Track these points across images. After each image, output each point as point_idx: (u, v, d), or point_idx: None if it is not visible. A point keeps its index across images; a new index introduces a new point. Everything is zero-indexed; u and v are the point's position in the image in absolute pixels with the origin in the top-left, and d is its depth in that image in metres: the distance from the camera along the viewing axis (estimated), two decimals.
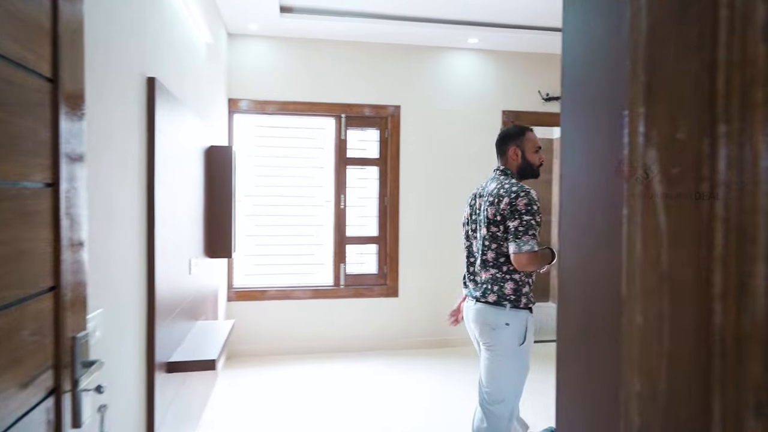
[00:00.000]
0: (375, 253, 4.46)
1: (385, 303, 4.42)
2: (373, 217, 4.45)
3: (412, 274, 4.46)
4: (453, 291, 4.54)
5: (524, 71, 4.61)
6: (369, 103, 4.33)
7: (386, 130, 4.40)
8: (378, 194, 4.43)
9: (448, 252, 4.52)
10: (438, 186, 4.49)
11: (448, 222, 4.51)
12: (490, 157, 4.64)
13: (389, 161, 4.39)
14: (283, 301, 4.25)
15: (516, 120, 4.59)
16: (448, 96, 4.49)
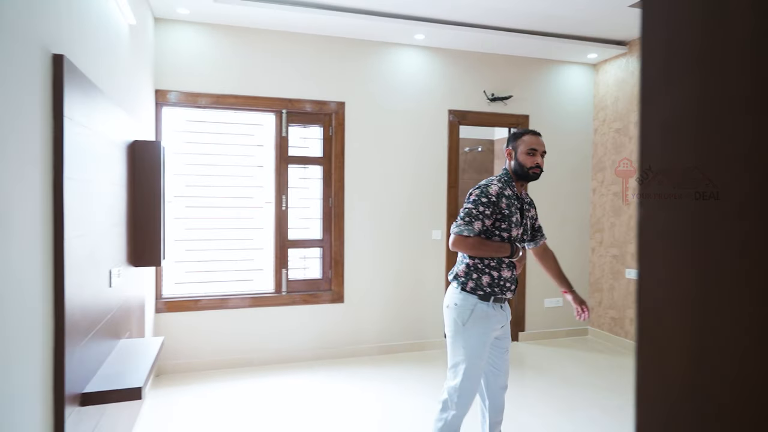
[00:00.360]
0: (319, 257, 4.23)
1: (331, 309, 4.20)
2: (317, 219, 4.22)
3: (359, 279, 4.27)
4: (401, 294, 4.41)
5: (470, 71, 4.56)
6: (312, 98, 4.10)
7: (330, 128, 4.19)
8: (322, 195, 4.20)
9: (395, 254, 4.37)
10: (385, 186, 4.33)
11: (395, 223, 4.36)
12: (437, 155, 4.58)
13: (334, 160, 4.18)
14: (218, 310, 3.92)
15: (462, 120, 4.53)
16: (395, 93, 4.34)
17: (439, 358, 4.25)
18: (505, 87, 4.66)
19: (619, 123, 4.67)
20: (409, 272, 4.42)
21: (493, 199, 2.14)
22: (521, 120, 4.72)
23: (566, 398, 3.44)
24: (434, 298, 4.51)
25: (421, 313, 4.47)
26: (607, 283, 4.81)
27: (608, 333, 4.80)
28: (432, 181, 4.47)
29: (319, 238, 4.21)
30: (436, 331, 4.52)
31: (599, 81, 4.91)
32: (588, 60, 4.84)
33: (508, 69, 4.68)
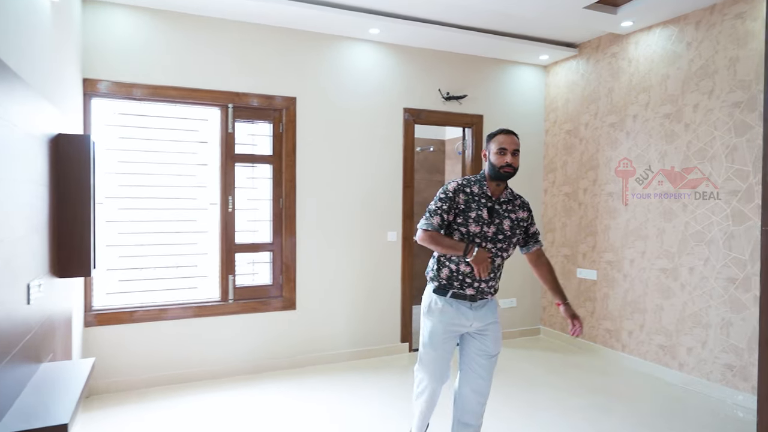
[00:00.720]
0: (269, 261, 3.97)
1: (282, 317, 3.96)
2: (267, 222, 3.97)
3: (312, 284, 4.05)
4: (356, 299, 4.24)
5: (426, 69, 4.46)
6: (260, 92, 3.84)
7: (280, 124, 3.95)
8: (272, 195, 3.95)
9: (350, 257, 4.19)
10: (339, 186, 4.14)
11: (349, 225, 4.18)
12: (392, 155, 4.44)
13: (284, 158, 3.94)
14: (157, 322, 3.58)
15: (417, 118, 4.42)
16: (349, 90, 4.16)
17: (395, 364, 4.11)
18: (460, 86, 4.60)
19: (569, 124, 4.72)
20: (364, 276, 4.25)
21: (450, 194, 2.24)
22: (476, 120, 4.68)
23: (529, 400, 3.40)
24: (390, 302, 4.36)
25: (378, 318, 4.31)
26: None
27: (559, 332, 4.85)
28: (387, 181, 4.33)
29: (269, 242, 3.95)
30: (393, 336, 4.38)
31: (550, 82, 4.96)
32: (540, 61, 4.87)
33: (463, 68, 4.62)
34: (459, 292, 2.23)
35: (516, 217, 2.31)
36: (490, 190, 2.27)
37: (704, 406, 3.34)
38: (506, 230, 2.27)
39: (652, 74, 3.92)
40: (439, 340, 2.26)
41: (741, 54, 3.33)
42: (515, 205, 2.33)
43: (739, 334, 3.33)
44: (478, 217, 2.21)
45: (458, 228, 2.23)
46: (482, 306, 2.28)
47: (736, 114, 3.35)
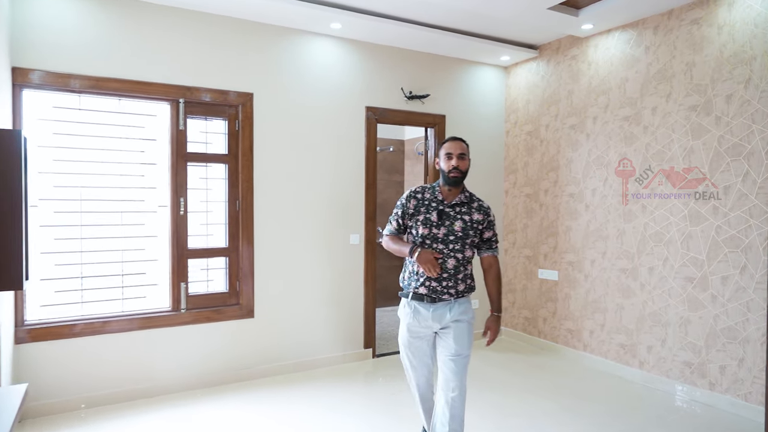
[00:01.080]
0: (225, 267, 3.73)
1: (240, 326, 3.73)
2: (222, 225, 3.72)
3: (271, 290, 3.84)
4: (318, 304, 4.06)
5: (389, 67, 4.34)
6: (214, 87, 3.60)
7: (236, 121, 3.72)
8: (227, 197, 3.71)
9: (311, 262, 4.01)
10: (298, 187, 3.95)
11: (310, 228, 4.00)
12: (354, 155, 4.29)
13: (241, 158, 3.71)
14: (100, 336, 3.27)
15: (380, 117, 4.30)
16: (309, 87, 3.98)
17: (359, 372, 3.97)
18: (423, 86, 4.51)
19: (530, 126, 4.74)
20: (326, 281, 4.08)
21: (403, 201, 2.43)
22: (438, 120, 4.61)
23: (497, 405, 3.34)
24: (354, 307, 4.21)
25: (341, 324, 4.15)
26: (520, 284, 4.86)
27: (521, 332, 4.86)
28: (349, 181, 4.18)
29: (224, 246, 3.71)
30: (356, 342, 4.23)
31: (510, 84, 4.96)
32: (501, 62, 4.86)
33: (426, 67, 4.54)
34: (416, 292, 2.33)
35: (470, 218, 2.37)
36: (443, 194, 2.38)
37: (665, 403, 3.40)
38: (457, 231, 2.33)
39: (611, 77, 3.98)
40: (406, 339, 2.41)
41: (697, 59, 3.41)
42: (471, 208, 2.39)
43: (697, 332, 3.41)
44: (426, 220, 2.33)
45: (410, 230, 2.40)
46: (442, 308, 2.32)
47: (692, 117, 3.43)
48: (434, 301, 2.31)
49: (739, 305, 3.19)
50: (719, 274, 3.29)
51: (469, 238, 2.34)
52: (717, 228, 3.30)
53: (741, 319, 3.18)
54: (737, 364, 3.20)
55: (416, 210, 2.37)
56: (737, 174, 3.20)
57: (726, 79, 3.25)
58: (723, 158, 3.27)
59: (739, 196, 3.19)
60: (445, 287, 2.30)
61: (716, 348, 3.31)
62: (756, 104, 3.10)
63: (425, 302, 2.31)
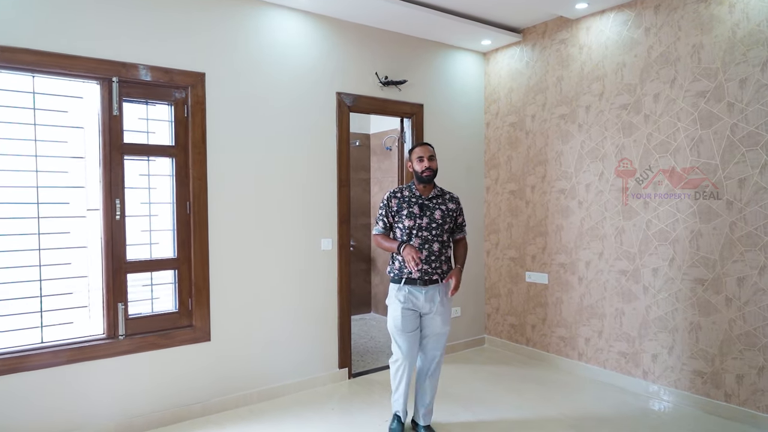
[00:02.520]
0: (173, 282, 3.11)
1: (193, 352, 3.12)
2: (169, 231, 3.10)
3: (231, 308, 3.25)
4: (286, 321, 3.51)
5: (362, 48, 3.83)
6: (157, 64, 2.97)
7: (185, 107, 3.10)
8: (175, 198, 3.09)
9: (277, 272, 3.45)
10: (261, 185, 3.38)
11: (275, 232, 3.44)
12: (325, 148, 3.74)
13: (191, 150, 3.10)
14: (14, 374, 2.59)
15: (353, 105, 3.79)
16: (272, 68, 3.41)
17: (334, 395, 3.45)
18: (399, 71, 4.04)
19: (514, 116, 4.37)
20: (295, 293, 3.53)
21: (385, 202, 2.81)
22: (416, 109, 4.14)
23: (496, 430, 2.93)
24: (326, 322, 3.68)
25: (312, 342, 3.61)
26: (504, 288, 4.49)
27: (506, 341, 4.48)
28: (320, 178, 3.65)
29: (172, 257, 3.09)
30: (330, 362, 3.70)
31: (490, 71, 4.58)
32: (481, 47, 4.46)
33: (402, 51, 4.06)
34: (410, 277, 2.69)
35: (446, 208, 2.81)
36: (419, 191, 2.80)
37: (679, 416, 3.09)
38: (438, 219, 2.76)
39: (606, 62, 3.65)
40: (400, 321, 2.70)
41: (705, 41, 3.12)
42: (445, 199, 2.83)
43: (709, 339, 3.13)
44: (410, 213, 2.73)
45: (397, 225, 2.78)
46: (432, 290, 2.71)
47: (701, 104, 3.14)
48: (426, 284, 2.69)
49: (758, 309, 2.92)
50: (734, 275, 3.01)
51: (446, 224, 2.79)
52: (731, 225, 3.02)
53: (761, 323, 2.91)
54: (756, 373, 2.93)
55: (399, 207, 2.77)
56: (754, 165, 2.92)
57: (739, 61, 2.97)
58: (737, 148, 2.99)
59: (756, 190, 2.91)
60: (434, 268, 2.70)
61: (732, 356, 3.03)
62: None
63: (418, 285, 2.69)
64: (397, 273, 2.73)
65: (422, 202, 2.76)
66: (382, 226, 2.80)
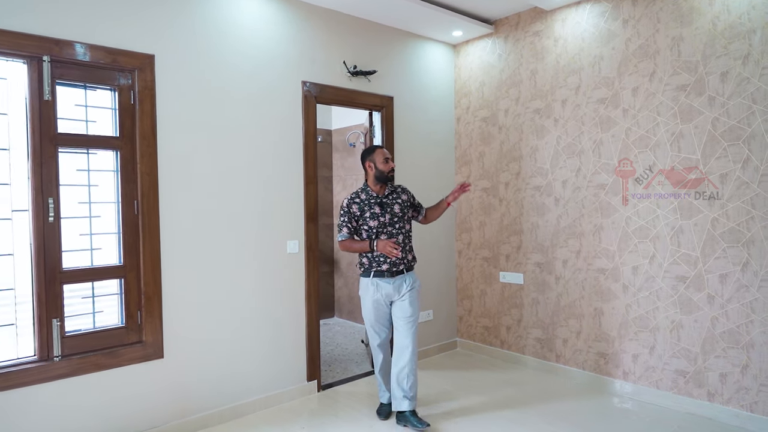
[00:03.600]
0: (119, 293, 2.72)
1: (143, 371, 2.74)
2: (113, 235, 2.71)
3: (186, 320, 2.90)
4: (249, 332, 3.19)
5: (329, 34, 3.56)
6: (98, 43, 2.58)
7: (131, 93, 2.72)
8: (120, 196, 2.71)
9: (238, 277, 3.12)
10: (219, 182, 3.04)
11: (236, 234, 3.11)
12: (290, 141, 3.40)
13: (139, 142, 2.73)
14: None
15: (319, 95, 3.50)
16: (231, 51, 3.08)
17: (302, 411, 3.15)
18: (368, 61, 3.79)
19: (486, 111, 4.21)
20: (258, 300, 3.21)
21: (345, 209, 2.95)
22: (386, 102, 3.91)
23: None
24: (294, 330, 3.38)
25: (278, 353, 3.30)
26: (477, 289, 4.32)
27: (479, 343, 4.33)
28: (284, 175, 3.34)
29: (118, 264, 2.71)
30: (298, 375, 3.40)
31: (461, 64, 4.40)
32: (452, 39, 4.28)
33: (372, 40, 3.82)
34: (378, 270, 2.90)
35: (401, 200, 3.04)
36: (376, 191, 2.99)
37: (660, 417, 3.01)
38: (398, 213, 3.00)
39: (582, 55, 3.55)
40: (371, 308, 2.96)
41: (685, 33, 3.06)
42: (397, 193, 3.06)
43: (691, 338, 3.07)
44: (373, 214, 2.93)
45: (362, 227, 2.96)
46: (399, 279, 2.93)
47: (681, 98, 3.08)
48: (393, 275, 2.91)
49: (741, 306, 2.87)
50: (716, 272, 2.96)
51: (405, 215, 3.03)
52: (713, 221, 2.97)
53: (744, 321, 2.86)
54: (740, 372, 2.88)
55: (361, 210, 2.95)
56: (735, 160, 2.88)
57: (720, 54, 2.92)
58: (718, 143, 2.94)
59: (739, 185, 2.87)
60: (400, 259, 2.92)
61: (714, 354, 2.97)
62: (756, 82, 2.79)
63: (386, 277, 2.91)
64: (366, 267, 2.94)
65: (381, 200, 2.97)
66: (347, 231, 2.94)
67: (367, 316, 3.00)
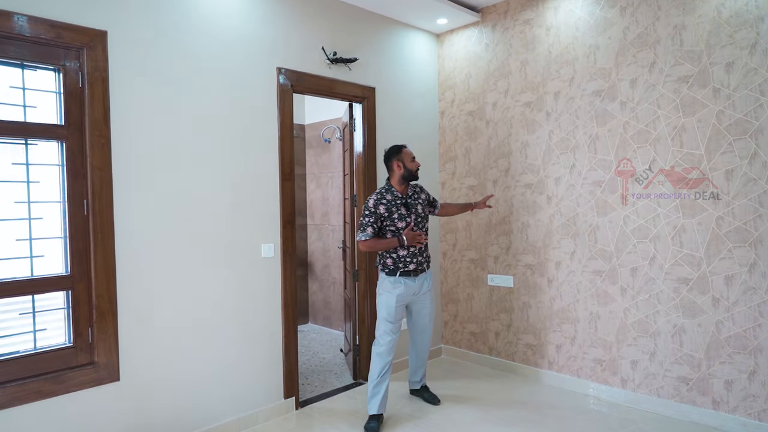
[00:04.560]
0: (65, 307, 2.34)
1: (96, 397, 2.37)
2: (58, 240, 2.33)
3: (147, 335, 2.53)
4: (217, 347, 2.85)
5: (307, 17, 3.24)
6: (39, 15, 2.20)
7: (80, 75, 2.34)
8: (66, 195, 2.33)
9: (207, 286, 2.77)
10: (185, 178, 2.68)
11: (203, 237, 2.76)
12: (264, 134, 3.02)
13: (89, 132, 2.35)
14: None
15: (296, 84, 3.19)
16: (195, 31, 2.73)
17: (281, 431, 2.84)
18: (349, 48, 3.49)
19: (472, 104, 3.98)
20: (229, 311, 2.87)
21: (372, 210, 2.92)
22: (367, 93, 3.62)
23: None
24: (269, 342, 3.05)
25: (252, 369, 2.96)
26: (464, 293, 4.09)
27: (465, 350, 4.09)
28: (259, 171, 3.01)
29: (63, 274, 2.32)
30: (274, 392, 3.08)
31: (444, 54, 4.16)
32: (436, 27, 4.03)
33: (352, 25, 3.52)
34: (405, 270, 2.95)
35: (421, 199, 3.10)
36: (400, 191, 3.00)
37: (662, 426, 2.84)
38: (421, 213, 3.06)
39: (577, 44, 3.36)
40: (393, 310, 2.95)
41: (688, 21, 2.89)
42: (416, 192, 3.09)
43: (695, 343, 2.91)
44: (400, 216, 2.95)
45: (389, 228, 2.94)
46: (422, 277, 3.04)
47: (683, 90, 2.91)
48: (418, 274, 3.01)
49: (748, 309, 2.73)
50: (722, 274, 2.81)
51: (426, 214, 3.10)
52: (718, 219, 2.81)
53: (751, 324, 2.72)
54: (747, 378, 2.74)
55: (389, 212, 2.93)
56: (742, 156, 2.73)
57: (725, 44, 2.77)
58: (724, 137, 2.78)
59: (746, 182, 2.72)
60: (425, 258, 3.05)
61: (720, 360, 2.82)
62: (765, 73, 2.65)
63: (412, 276, 2.98)
64: (391, 268, 2.96)
65: (406, 201, 3.00)
66: (371, 231, 2.90)
67: (387, 312, 2.97)
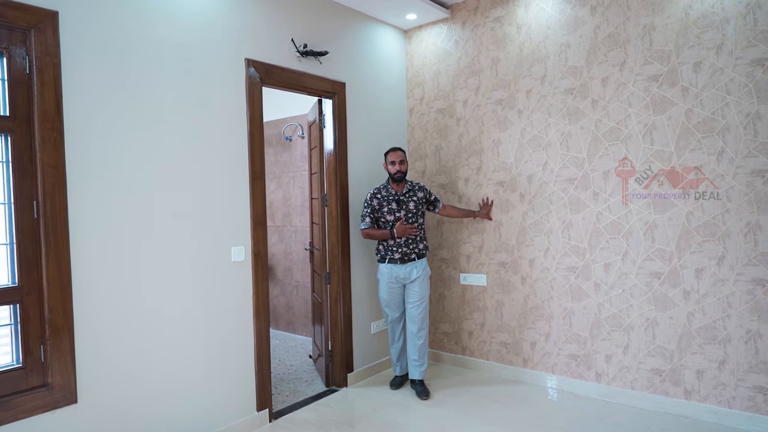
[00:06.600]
0: (12, 323, 2.06)
1: (51, 422, 2.10)
2: (2, 247, 2.05)
3: (106, 350, 2.29)
4: (184, 360, 2.63)
5: (276, 8, 3.07)
6: None
7: (27, 60, 2.07)
8: (11, 196, 2.05)
9: (172, 295, 2.55)
10: (148, 177, 2.45)
11: (168, 242, 2.54)
12: (232, 130, 2.80)
13: (39, 125, 2.08)
14: None
15: (266, 77, 3.01)
16: (157, 17, 2.50)
17: None
18: (320, 41, 3.35)
19: (442, 102, 3.93)
20: (198, 320, 2.65)
21: (368, 201, 3.36)
22: (338, 88, 3.49)
23: None
24: (240, 352, 2.85)
25: (222, 381, 2.76)
26: (435, 293, 4.03)
27: (438, 351, 4.04)
28: (227, 169, 2.81)
29: (10, 285, 2.05)
30: (246, 405, 2.88)
31: (412, 51, 4.09)
32: (405, 23, 3.95)
33: (323, 18, 3.38)
34: (391, 258, 3.30)
35: (417, 198, 3.36)
36: (394, 189, 3.33)
37: (636, 418, 2.90)
38: (412, 209, 3.33)
39: (548, 43, 3.38)
40: (386, 289, 3.37)
41: (657, 21, 2.97)
42: (414, 191, 3.36)
43: (667, 335, 2.99)
44: (390, 210, 3.30)
45: (381, 219, 3.33)
46: (410, 266, 3.31)
47: (653, 89, 2.99)
48: (405, 262, 3.29)
49: (717, 300, 2.82)
50: (692, 267, 2.89)
51: (420, 210, 3.36)
52: (688, 215, 2.90)
53: (720, 315, 2.81)
54: (717, 367, 2.83)
55: (380, 205, 3.32)
56: (710, 153, 2.82)
57: (693, 44, 2.85)
58: (692, 135, 2.87)
59: (714, 177, 2.81)
60: (411, 249, 3.29)
61: (691, 351, 2.91)
62: (731, 73, 2.75)
63: (398, 264, 3.29)
64: (382, 255, 3.35)
65: (398, 197, 3.32)
66: (369, 220, 3.33)
67: (382, 296, 3.41)
